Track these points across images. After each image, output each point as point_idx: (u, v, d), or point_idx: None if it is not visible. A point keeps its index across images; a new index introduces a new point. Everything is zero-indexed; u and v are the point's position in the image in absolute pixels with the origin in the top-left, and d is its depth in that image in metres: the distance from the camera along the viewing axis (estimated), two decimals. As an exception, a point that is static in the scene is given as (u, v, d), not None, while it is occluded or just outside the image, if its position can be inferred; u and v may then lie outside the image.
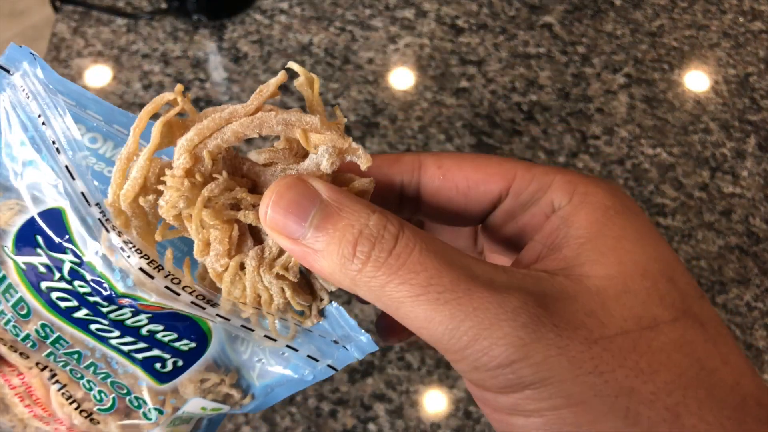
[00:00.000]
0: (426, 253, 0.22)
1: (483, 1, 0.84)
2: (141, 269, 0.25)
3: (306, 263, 0.23)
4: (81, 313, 0.27)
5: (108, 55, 0.78)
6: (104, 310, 0.27)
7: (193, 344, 0.29)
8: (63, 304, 0.27)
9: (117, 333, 0.28)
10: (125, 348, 0.28)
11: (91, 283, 0.26)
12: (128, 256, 0.25)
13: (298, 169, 0.24)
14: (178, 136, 0.24)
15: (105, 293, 0.26)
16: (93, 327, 0.28)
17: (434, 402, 0.60)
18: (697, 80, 0.79)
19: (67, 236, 0.26)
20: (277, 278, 0.25)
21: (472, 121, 0.75)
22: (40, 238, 0.26)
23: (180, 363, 0.29)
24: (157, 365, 0.29)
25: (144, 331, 0.28)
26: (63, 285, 0.27)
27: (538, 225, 0.26)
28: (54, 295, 0.27)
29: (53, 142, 0.25)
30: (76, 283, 0.26)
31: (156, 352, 0.28)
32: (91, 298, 0.26)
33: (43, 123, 0.25)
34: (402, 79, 0.78)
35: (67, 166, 0.25)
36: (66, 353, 0.28)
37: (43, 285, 0.27)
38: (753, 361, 0.63)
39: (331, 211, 0.23)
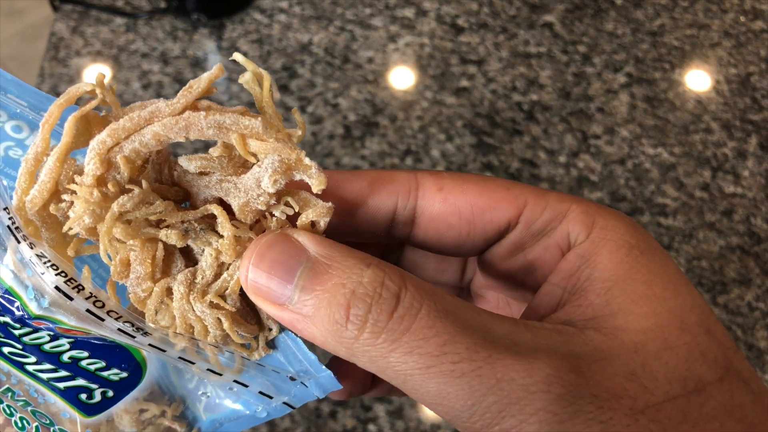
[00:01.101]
0: (436, 313, 0.18)
1: (483, 0, 0.83)
2: (57, 288, 0.21)
3: (297, 332, 0.20)
4: None
5: (107, 54, 0.78)
6: (16, 332, 0.22)
7: (125, 374, 0.25)
8: None
9: (33, 359, 0.23)
10: (44, 376, 0.24)
11: (1, 300, 0.22)
12: (42, 273, 0.21)
13: (237, 183, 0.20)
14: (96, 134, 0.20)
15: (17, 314, 0.22)
16: (5, 350, 0.23)
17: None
18: (698, 80, 0.78)
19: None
20: (212, 307, 0.21)
21: (472, 121, 0.75)
22: None
23: (110, 393, 0.25)
24: (83, 396, 0.24)
25: (65, 357, 0.23)
26: None
27: (552, 260, 0.23)
28: None
29: None
30: None
31: (80, 381, 0.24)
32: (1, 318, 0.22)
33: None
34: (402, 78, 0.77)
35: None
36: None
37: None
38: (754, 361, 0.63)
39: (320, 269, 0.19)
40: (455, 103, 0.76)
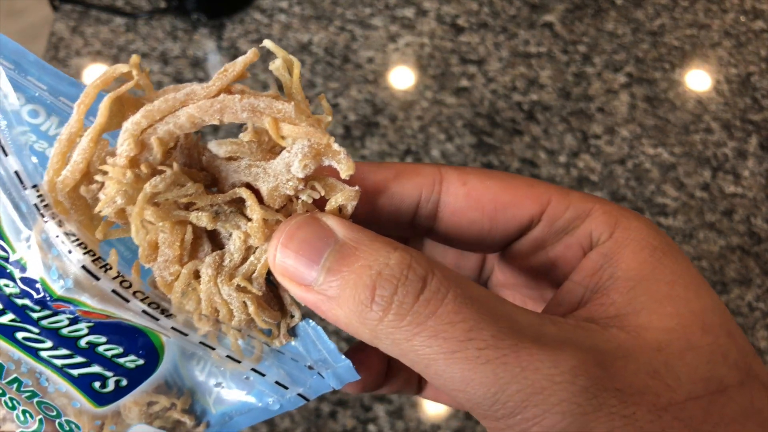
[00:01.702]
0: (462, 299, 0.18)
1: (483, 0, 0.83)
2: (84, 267, 0.20)
3: (321, 313, 0.20)
4: (5, 319, 0.22)
5: (107, 54, 0.78)
6: (35, 315, 0.22)
7: (141, 361, 0.24)
8: None
9: (49, 344, 0.23)
10: (58, 362, 0.23)
11: (20, 283, 0.21)
12: (69, 251, 0.20)
13: (266, 168, 0.21)
14: (129, 116, 0.20)
15: (37, 295, 0.21)
16: (19, 335, 0.23)
17: (435, 403, 0.60)
18: (698, 80, 0.78)
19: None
20: (239, 291, 0.21)
21: (472, 121, 0.74)
22: None
23: (124, 383, 0.24)
24: (96, 384, 0.24)
25: (83, 342, 0.23)
26: None
27: (573, 259, 0.23)
28: None
29: None
30: (1, 281, 0.22)
31: (96, 368, 0.24)
32: (19, 301, 0.22)
33: None
34: (402, 78, 0.77)
35: (2, 141, 0.20)
36: None
37: None
38: (755, 361, 0.63)
39: (347, 252, 0.19)
40: (455, 103, 0.76)
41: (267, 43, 0.21)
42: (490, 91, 0.77)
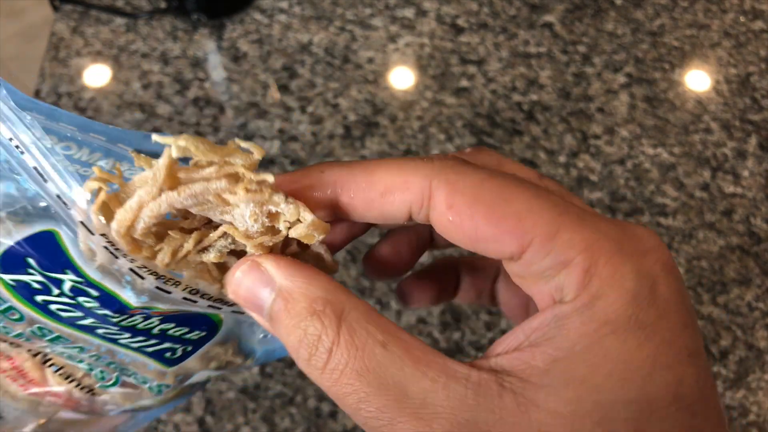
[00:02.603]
0: (356, 374, 0.20)
1: (483, 1, 0.83)
2: (158, 287, 0.23)
3: None
4: (86, 321, 0.25)
5: (107, 54, 0.78)
6: (114, 320, 0.25)
7: (204, 333, 0.28)
8: (65, 315, 0.25)
9: (127, 335, 0.26)
10: (135, 345, 0.27)
11: (99, 300, 0.24)
12: (142, 278, 0.23)
13: (233, 215, 0.22)
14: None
15: (115, 308, 0.24)
16: (100, 332, 0.26)
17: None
18: (698, 80, 0.78)
19: (64, 258, 0.23)
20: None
21: (472, 121, 0.75)
22: (31, 260, 0.23)
23: (189, 348, 0.28)
24: (167, 354, 0.28)
25: (155, 330, 0.27)
26: (64, 299, 0.24)
27: (542, 304, 0.22)
28: (53, 307, 0.24)
29: (18, 148, 0.23)
30: (81, 299, 0.24)
31: (167, 344, 0.27)
32: (99, 311, 0.24)
33: (11, 139, 0.22)
34: (402, 78, 0.77)
35: (40, 169, 0.22)
36: (67, 347, 0.27)
37: (39, 298, 0.24)
38: (754, 361, 0.63)
39: (282, 303, 0.21)
40: (455, 103, 0.76)
41: (156, 138, 0.21)
42: (490, 92, 0.77)
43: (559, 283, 0.21)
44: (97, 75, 0.77)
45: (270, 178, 0.22)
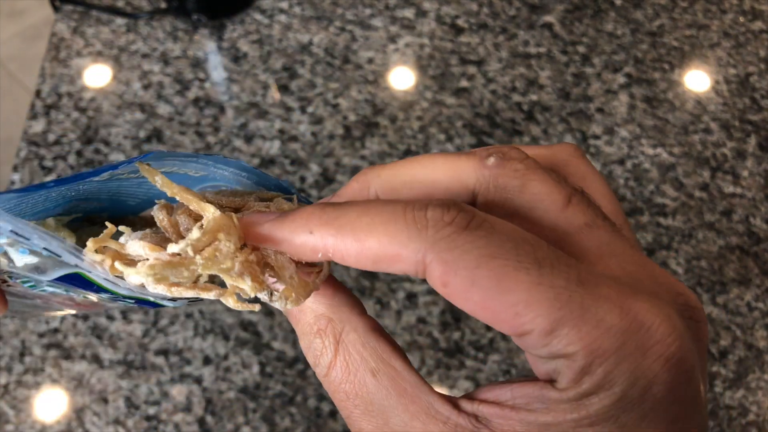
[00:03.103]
0: (346, 395, 0.22)
1: (483, 1, 0.84)
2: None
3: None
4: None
5: (107, 54, 0.78)
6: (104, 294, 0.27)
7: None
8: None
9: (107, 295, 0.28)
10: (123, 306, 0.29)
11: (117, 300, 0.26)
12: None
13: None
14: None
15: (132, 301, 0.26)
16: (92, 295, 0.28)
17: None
18: (697, 80, 0.78)
19: (95, 286, 0.25)
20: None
21: (472, 121, 0.75)
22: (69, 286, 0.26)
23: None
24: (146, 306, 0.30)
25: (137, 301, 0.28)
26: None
27: (537, 371, 0.22)
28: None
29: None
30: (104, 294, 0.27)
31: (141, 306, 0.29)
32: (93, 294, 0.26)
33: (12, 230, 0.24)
34: (402, 78, 0.77)
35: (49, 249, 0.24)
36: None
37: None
38: (753, 361, 0.63)
39: (295, 310, 0.23)
40: (455, 104, 0.76)
41: (141, 168, 0.22)
42: (490, 92, 0.77)
43: (556, 367, 0.21)
44: (97, 75, 0.77)
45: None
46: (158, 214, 0.23)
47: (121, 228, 0.24)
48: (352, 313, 0.23)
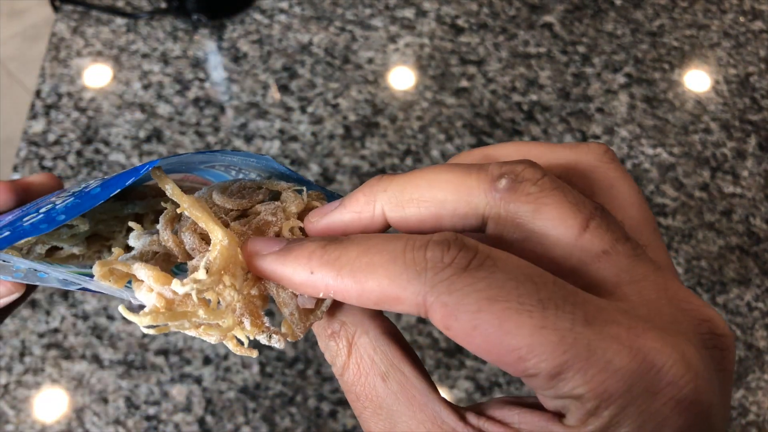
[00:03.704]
0: (356, 397, 0.22)
1: (483, 1, 0.84)
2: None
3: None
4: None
5: (107, 54, 0.78)
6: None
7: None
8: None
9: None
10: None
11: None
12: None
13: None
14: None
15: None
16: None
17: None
18: (697, 80, 0.78)
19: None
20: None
21: (472, 121, 0.75)
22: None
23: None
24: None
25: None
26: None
27: (545, 404, 0.21)
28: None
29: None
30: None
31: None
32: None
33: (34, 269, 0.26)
34: (402, 78, 0.77)
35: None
36: None
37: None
38: (753, 361, 0.63)
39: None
40: (455, 104, 0.76)
41: (132, 224, 0.23)
42: (490, 92, 0.77)
43: (564, 404, 0.20)
44: (97, 75, 0.77)
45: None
46: (163, 235, 0.23)
47: (131, 224, 0.24)
48: (364, 316, 0.23)
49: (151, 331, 0.20)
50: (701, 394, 0.19)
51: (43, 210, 0.24)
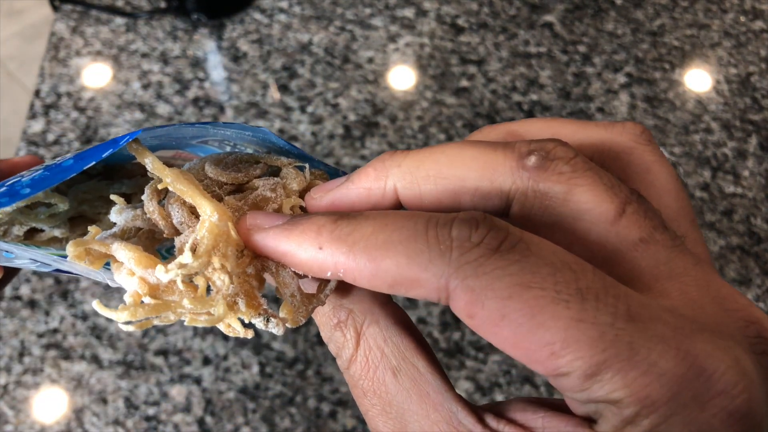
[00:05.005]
0: (363, 392, 0.21)
1: (483, 0, 0.83)
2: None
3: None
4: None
5: (107, 54, 0.78)
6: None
7: None
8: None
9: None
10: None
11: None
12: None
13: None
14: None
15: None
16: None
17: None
18: (698, 80, 0.78)
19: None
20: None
21: (472, 121, 0.75)
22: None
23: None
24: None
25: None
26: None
27: (573, 408, 0.20)
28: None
29: None
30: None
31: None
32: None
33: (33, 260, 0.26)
34: (402, 78, 0.77)
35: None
36: None
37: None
38: (754, 361, 0.63)
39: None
40: (455, 103, 0.76)
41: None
42: (490, 91, 0.77)
43: (597, 409, 0.17)
44: (97, 75, 0.77)
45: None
46: (148, 206, 0.21)
47: (113, 197, 0.21)
48: (374, 303, 0.20)
49: (130, 328, 0.18)
50: (755, 405, 0.17)
51: (8, 184, 0.21)
